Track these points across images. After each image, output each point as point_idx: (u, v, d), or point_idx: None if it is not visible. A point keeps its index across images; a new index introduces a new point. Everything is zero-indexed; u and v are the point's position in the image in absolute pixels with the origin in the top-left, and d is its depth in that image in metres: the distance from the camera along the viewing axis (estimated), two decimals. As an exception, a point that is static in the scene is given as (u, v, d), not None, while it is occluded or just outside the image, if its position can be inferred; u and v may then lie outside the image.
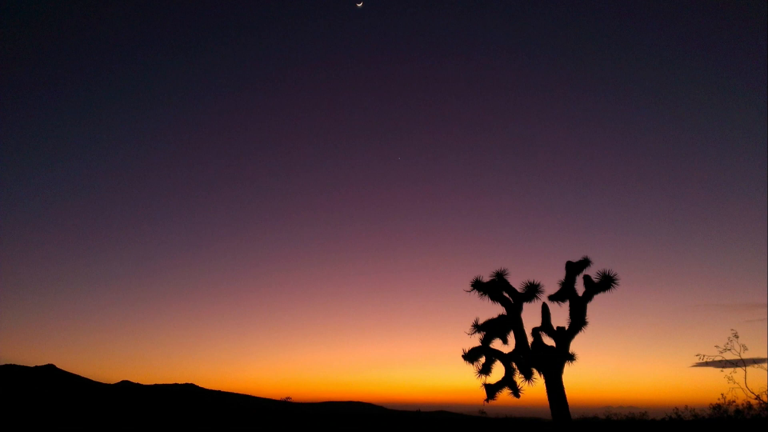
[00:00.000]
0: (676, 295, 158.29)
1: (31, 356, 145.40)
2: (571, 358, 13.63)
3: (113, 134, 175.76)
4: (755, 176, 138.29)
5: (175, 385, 72.95)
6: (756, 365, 14.64)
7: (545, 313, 14.07)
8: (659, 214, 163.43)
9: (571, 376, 13.54)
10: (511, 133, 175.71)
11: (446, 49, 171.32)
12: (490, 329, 14.53)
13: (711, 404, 16.45)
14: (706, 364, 15.20)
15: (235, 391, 73.27)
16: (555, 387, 13.13)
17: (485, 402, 14.41)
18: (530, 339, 13.99)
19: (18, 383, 58.01)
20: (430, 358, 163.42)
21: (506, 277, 14.32)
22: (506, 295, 14.30)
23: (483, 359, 14.54)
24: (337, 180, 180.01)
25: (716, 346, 14.99)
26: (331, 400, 78.04)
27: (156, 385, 69.77)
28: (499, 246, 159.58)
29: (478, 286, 14.43)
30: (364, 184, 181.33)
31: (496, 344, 14.59)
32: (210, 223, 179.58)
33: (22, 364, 69.84)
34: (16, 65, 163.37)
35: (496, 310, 14.52)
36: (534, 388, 13.89)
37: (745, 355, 14.68)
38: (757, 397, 14.90)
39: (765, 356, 14.64)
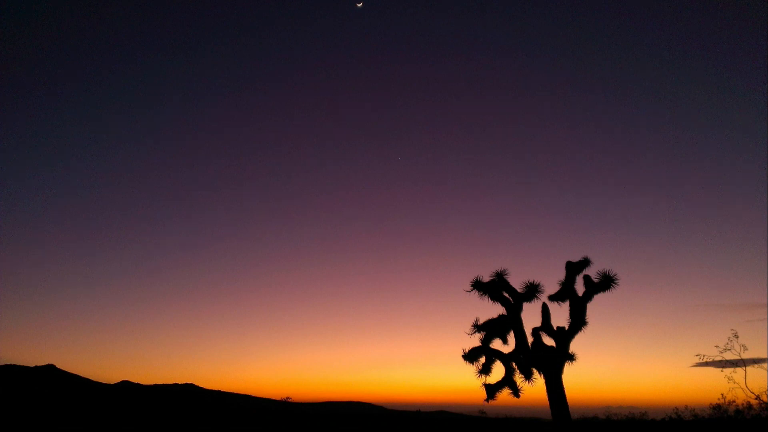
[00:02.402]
0: (676, 295, 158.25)
1: (31, 356, 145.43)
2: (571, 358, 13.63)
3: (113, 134, 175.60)
4: (755, 176, 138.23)
5: (175, 385, 72.94)
6: (756, 365, 14.66)
7: (545, 313, 14.08)
8: (659, 214, 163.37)
9: (571, 376, 13.56)
10: (511, 133, 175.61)
11: (446, 49, 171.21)
12: (490, 329, 14.54)
13: (711, 404, 16.47)
14: (706, 364, 15.22)
15: (235, 391, 73.31)
16: (555, 387, 13.13)
17: (485, 402, 14.42)
18: (530, 339, 13.98)
19: (18, 383, 58.02)
20: (430, 358, 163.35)
21: (506, 277, 14.32)
22: (506, 295, 14.30)
23: (483, 359, 14.54)
24: (337, 180, 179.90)
25: (716, 346, 15.01)
26: (331, 400, 78.06)
27: (156, 385, 69.81)
28: (499, 246, 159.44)
29: (478, 286, 14.43)
30: (364, 184, 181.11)
31: (496, 344, 14.60)
32: (210, 223, 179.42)
33: (22, 364, 69.94)
34: (16, 65, 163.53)
35: (496, 310, 14.54)
36: (534, 388, 13.90)
37: (745, 355, 14.70)
38: (757, 397, 14.91)
39: (765, 356, 14.66)
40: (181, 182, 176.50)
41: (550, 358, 13.43)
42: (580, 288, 13.83)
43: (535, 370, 13.76)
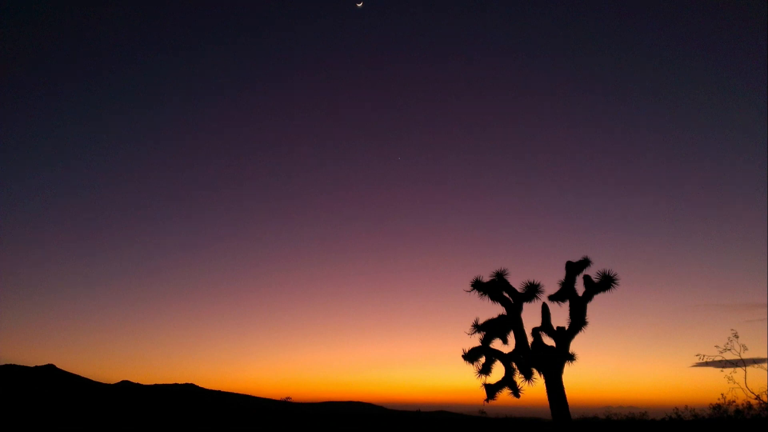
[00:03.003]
0: (676, 295, 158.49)
1: (31, 356, 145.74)
2: (571, 358, 13.63)
3: (113, 134, 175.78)
4: (755, 176, 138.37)
5: (175, 385, 72.96)
6: (756, 365, 14.66)
7: (545, 313, 14.07)
8: (659, 214, 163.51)
9: (571, 376, 13.57)
10: (511, 133, 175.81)
11: (446, 49, 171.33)
12: (490, 329, 14.53)
13: (711, 404, 16.47)
14: (706, 364, 15.22)
15: (235, 391, 73.37)
16: (555, 387, 13.13)
17: (485, 402, 14.42)
18: (530, 339, 13.99)
19: (18, 383, 58.02)
20: (430, 358, 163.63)
21: (506, 277, 14.32)
22: (506, 295, 14.30)
23: (483, 359, 14.54)
24: (337, 180, 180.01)
25: (716, 346, 15.02)
26: (331, 400, 78.11)
27: (156, 385, 69.82)
28: (499, 246, 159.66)
29: (478, 286, 14.43)
30: (364, 184, 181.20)
31: (496, 344, 14.60)
32: (210, 223, 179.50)
33: (22, 364, 69.97)
34: (16, 65, 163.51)
35: (496, 310, 14.54)
36: (534, 388, 13.91)
37: (745, 355, 14.71)
38: (757, 397, 14.91)
39: (765, 356, 14.66)
40: (181, 182, 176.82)
41: (550, 358, 13.42)
42: (580, 288, 13.84)
43: (535, 370, 13.75)
